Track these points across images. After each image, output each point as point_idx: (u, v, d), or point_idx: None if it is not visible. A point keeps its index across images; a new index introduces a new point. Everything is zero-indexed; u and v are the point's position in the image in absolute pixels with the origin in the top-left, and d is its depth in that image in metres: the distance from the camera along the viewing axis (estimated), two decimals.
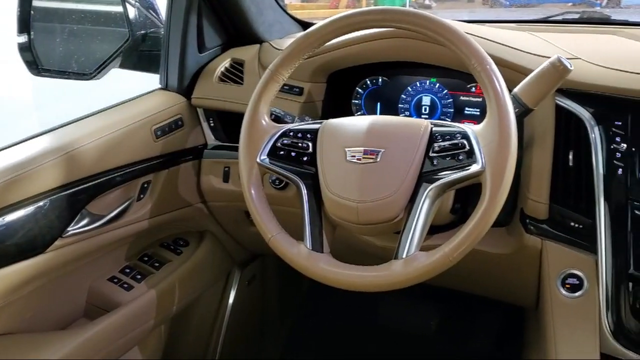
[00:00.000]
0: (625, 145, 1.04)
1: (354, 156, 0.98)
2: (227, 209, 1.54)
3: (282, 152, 1.04)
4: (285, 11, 1.63)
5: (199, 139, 1.49)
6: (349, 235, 1.21)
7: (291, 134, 1.05)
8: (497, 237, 1.23)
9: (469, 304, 1.99)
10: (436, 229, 1.17)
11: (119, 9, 1.39)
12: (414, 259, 0.90)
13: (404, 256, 0.91)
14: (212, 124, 1.50)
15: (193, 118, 1.48)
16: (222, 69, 1.48)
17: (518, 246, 1.20)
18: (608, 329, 1.06)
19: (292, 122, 1.18)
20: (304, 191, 1.01)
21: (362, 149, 0.98)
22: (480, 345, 2.00)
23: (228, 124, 1.49)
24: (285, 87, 1.33)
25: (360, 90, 1.43)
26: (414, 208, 0.93)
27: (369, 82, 1.42)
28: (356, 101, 1.43)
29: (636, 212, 1.02)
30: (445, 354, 1.98)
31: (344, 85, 1.43)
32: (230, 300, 1.79)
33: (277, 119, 1.22)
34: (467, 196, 1.16)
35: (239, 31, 1.52)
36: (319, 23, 1.06)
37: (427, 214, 0.93)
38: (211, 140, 1.51)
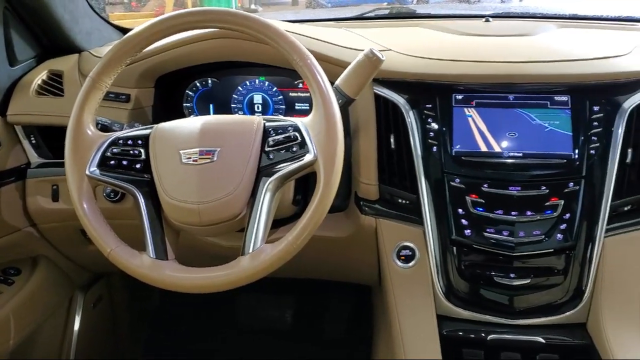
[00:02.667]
0: (436, 125, 1.16)
1: (190, 157, 0.97)
2: (60, 230, 1.44)
3: (112, 162, 1.00)
4: (103, 19, 1.56)
5: (20, 158, 1.39)
6: (195, 239, 1.20)
7: (120, 142, 1.02)
8: (336, 221, 1.30)
9: (321, 291, 2.07)
10: (281, 222, 1.21)
11: None
12: (260, 252, 0.92)
13: (251, 251, 0.92)
14: (33, 141, 1.39)
15: (11, 137, 1.37)
16: (39, 82, 1.38)
17: (356, 228, 1.28)
18: (441, 291, 1.18)
19: (120, 130, 1.14)
20: (141, 199, 0.98)
21: (197, 149, 0.98)
22: (335, 328, 2.09)
23: (52, 140, 1.40)
24: (110, 94, 1.28)
25: (190, 93, 1.42)
26: (255, 202, 0.95)
27: (198, 84, 1.41)
28: (188, 104, 1.42)
29: (452, 183, 1.14)
30: (303, 343, 2.04)
31: (174, 89, 1.41)
32: (76, 327, 1.69)
33: (104, 128, 1.16)
34: (307, 187, 1.21)
35: (53, 41, 1.44)
36: (138, 27, 1.03)
37: (269, 207, 0.95)
38: (34, 158, 1.40)
